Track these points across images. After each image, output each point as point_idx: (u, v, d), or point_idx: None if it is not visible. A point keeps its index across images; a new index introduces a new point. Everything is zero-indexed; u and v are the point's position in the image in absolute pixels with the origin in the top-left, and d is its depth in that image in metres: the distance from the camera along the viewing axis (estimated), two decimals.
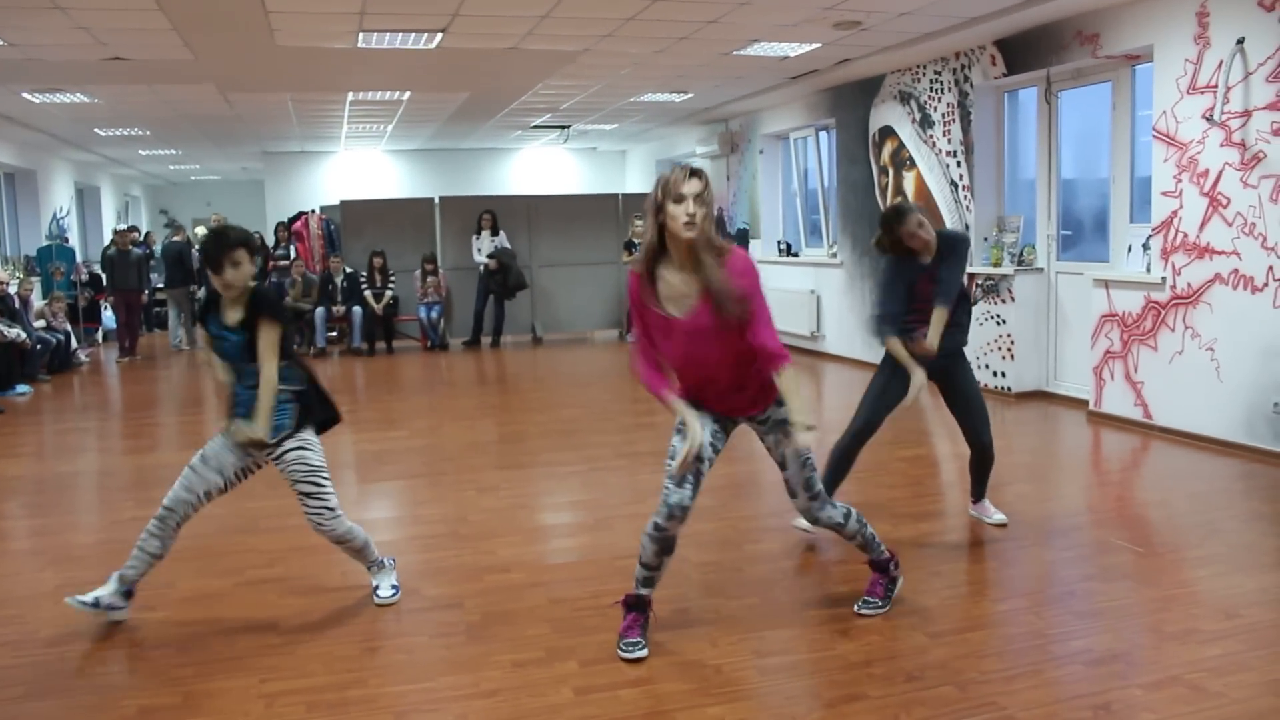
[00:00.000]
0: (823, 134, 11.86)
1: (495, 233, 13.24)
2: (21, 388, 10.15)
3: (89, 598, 3.82)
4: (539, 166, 17.84)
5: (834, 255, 11.39)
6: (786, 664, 3.47)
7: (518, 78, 10.23)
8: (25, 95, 10.14)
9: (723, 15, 7.62)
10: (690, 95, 11.62)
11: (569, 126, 14.48)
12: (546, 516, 5.52)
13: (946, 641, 3.57)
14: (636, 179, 17.97)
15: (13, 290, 11.22)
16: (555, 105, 12.33)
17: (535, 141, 16.52)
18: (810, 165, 12.33)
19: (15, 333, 10.28)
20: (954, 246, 4.68)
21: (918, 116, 9.57)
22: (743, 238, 13.43)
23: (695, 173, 3.30)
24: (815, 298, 11.60)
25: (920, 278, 4.66)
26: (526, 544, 4.89)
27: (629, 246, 13.01)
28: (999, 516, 4.95)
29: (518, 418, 8.40)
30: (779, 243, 12.77)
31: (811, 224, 12.52)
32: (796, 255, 12.46)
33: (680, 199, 3.25)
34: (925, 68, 9.38)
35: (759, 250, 12.98)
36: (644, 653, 3.46)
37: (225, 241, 3.73)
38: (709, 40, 8.50)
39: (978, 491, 5.04)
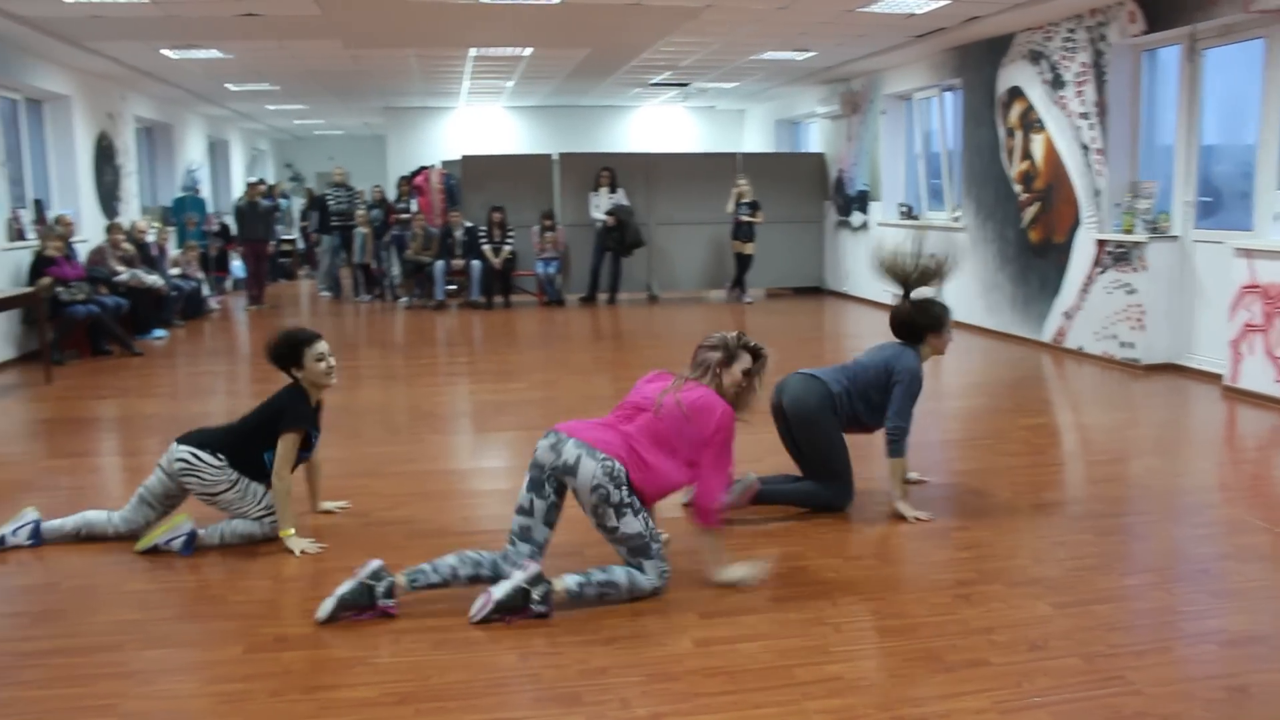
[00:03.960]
0: (947, 95, 11.56)
1: (613, 190, 13.28)
2: (158, 332, 10.58)
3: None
4: (657, 125, 17.78)
5: (956, 219, 11.13)
6: (906, 626, 3.43)
7: (639, 34, 10.18)
8: (164, 51, 10.47)
9: None
10: (812, 54, 11.43)
11: (688, 84, 14.38)
12: None
13: (1072, 613, 3.49)
14: (754, 138, 17.79)
15: (151, 239, 11.69)
16: (675, 63, 12.26)
17: (654, 100, 16.45)
18: (934, 127, 12.04)
19: (153, 280, 10.72)
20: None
21: (1049, 77, 9.25)
22: (862, 200, 13.23)
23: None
24: None
25: None
26: None
27: (752, 207, 12.99)
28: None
29: (633, 373, 8.37)
30: (899, 205, 12.53)
31: (933, 187, 12.25)
32: (917, 218, 12.21)
33: None
34: (1058, 26, 9.05)
35: (879, 213, 12.76)
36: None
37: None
38: None
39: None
